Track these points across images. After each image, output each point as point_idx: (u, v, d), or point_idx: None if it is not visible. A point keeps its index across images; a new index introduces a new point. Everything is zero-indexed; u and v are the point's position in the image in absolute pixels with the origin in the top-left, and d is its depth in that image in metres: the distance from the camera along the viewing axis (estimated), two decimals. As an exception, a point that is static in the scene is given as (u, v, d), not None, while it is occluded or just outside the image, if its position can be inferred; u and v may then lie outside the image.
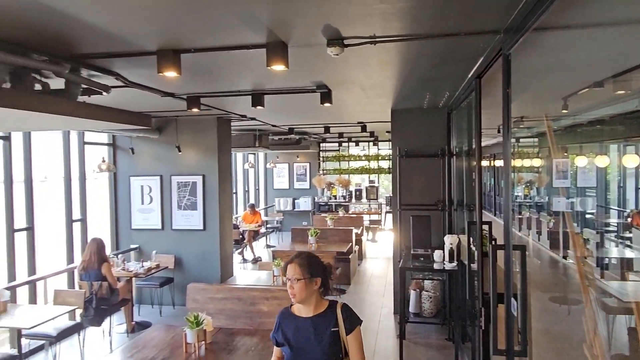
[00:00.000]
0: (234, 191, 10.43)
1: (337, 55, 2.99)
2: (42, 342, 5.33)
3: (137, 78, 4.05)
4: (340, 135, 11.56)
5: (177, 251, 7.26)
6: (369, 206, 14.14)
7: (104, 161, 6.88)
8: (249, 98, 4.98)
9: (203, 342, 3.38)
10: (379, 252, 11.43)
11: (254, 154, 13.56)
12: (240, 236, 10.10)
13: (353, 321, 2.41)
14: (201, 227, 7.20)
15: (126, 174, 7.55)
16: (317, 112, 6.93)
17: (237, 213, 11.28)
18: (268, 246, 12.18)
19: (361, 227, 10.43)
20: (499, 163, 11.34)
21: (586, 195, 5.78)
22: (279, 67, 3.03)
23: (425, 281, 5.92)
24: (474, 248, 3.88)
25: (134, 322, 6.24)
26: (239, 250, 10.17)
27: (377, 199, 14.10)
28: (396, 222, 6.53)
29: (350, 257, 8.45)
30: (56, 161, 6.76)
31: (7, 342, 5.81)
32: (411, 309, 5.82)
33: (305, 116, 7.71)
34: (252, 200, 12.84)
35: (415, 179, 6.44)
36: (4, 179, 5.62)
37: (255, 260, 10.18)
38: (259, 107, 5.02)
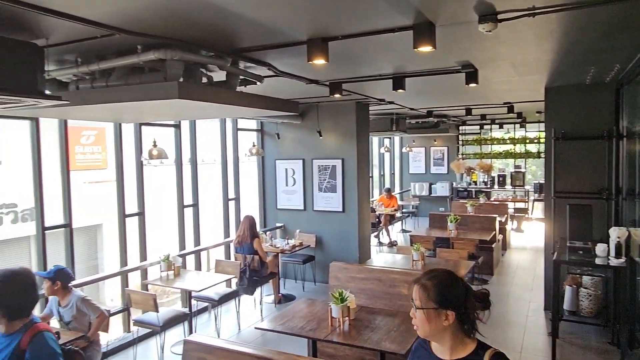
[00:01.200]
0: (370, 175, 10.55)
1: (489, 32, 2.81)
2: (206, 304, 6.11)
3: (286, 67, 4.32)
4: (483, 117, 10.88)
5: (318, 231, 7.65)
6: (514, 193, 13.14)
7: (254, 146, 7.53)
8: (390, 82, 4.96)
9: (347, 317, 3.53)
10: (526, 243, 10.59)
11: (390, 137, 13.52)
12: (377, 220, 10.23)
13: None
14: (340, 209, 7.46)
15: (272, 158, 8.14)
16: (460, 93, 6.62)
17: (372, 197, 11.42)
18: (404, 231, 12.13)
19: (505, 216, 9.76)
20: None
21: None
22: (425, 49, 2.96)
23: (583, 277, 5.33)
24: (649, 243, 3.37)
25: (280, 294, 6.78)
26: (375, 233, 10.30)
27: (523, 185, 13.02)
28: (549, 210, 5.97)
29: (493, 246, 7.99)
30: (213, 146, 7.59)
31: (179, 301, 6.79)
32: (566, 306, 5.29)
33: (446, 98, 7.42)
34: (387, 185, 12.87)
35: (572, 163, 5.79)
36: (175, 160, 6.48)
37: (392, 244, 10.23)
38: (399, 91, 4.98)
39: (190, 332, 5.19)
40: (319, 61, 3.24)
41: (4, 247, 8.39)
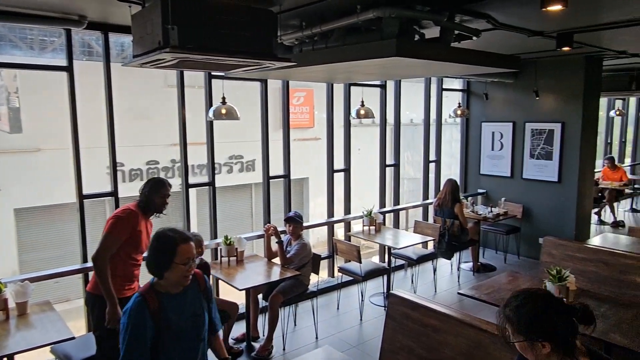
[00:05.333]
0: (594, 142, 9.04)
1: None
2: (403, 262, 6.24)
3: (507, 18, 3.91)
4: None
5: (525, 201, 6.99)
6: None
7: (459, 106, 7.17)
8: (641, 28, 4.07)
9: (564, 299, 3.16)
10: None
11: (624, 99, 11.29)
12: (599, 194, 8.82)
13: None
14: (555, 179, 6.64)
15: (478, 120, 7.65)
16: None
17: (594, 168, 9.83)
18: (633, 210, 10.22)
19: None
20: None
21: None
22: None
23: None
24: None
25: (479, 263, 6.50)
26: (596, 210, 8.92)
27: None
28: None
29: None
30: (414, 107, 7.48)
31: (377, 255, 7.12)
32: None
33: None
34: (610, 154, 10.90)
35: None
36: (379, 121, 6.62)
37: (616, 224, 8.74)
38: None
39: (389, 286, 5.39)
40: (555, 7, 2.82)
41: (231, 191, 10.05)
